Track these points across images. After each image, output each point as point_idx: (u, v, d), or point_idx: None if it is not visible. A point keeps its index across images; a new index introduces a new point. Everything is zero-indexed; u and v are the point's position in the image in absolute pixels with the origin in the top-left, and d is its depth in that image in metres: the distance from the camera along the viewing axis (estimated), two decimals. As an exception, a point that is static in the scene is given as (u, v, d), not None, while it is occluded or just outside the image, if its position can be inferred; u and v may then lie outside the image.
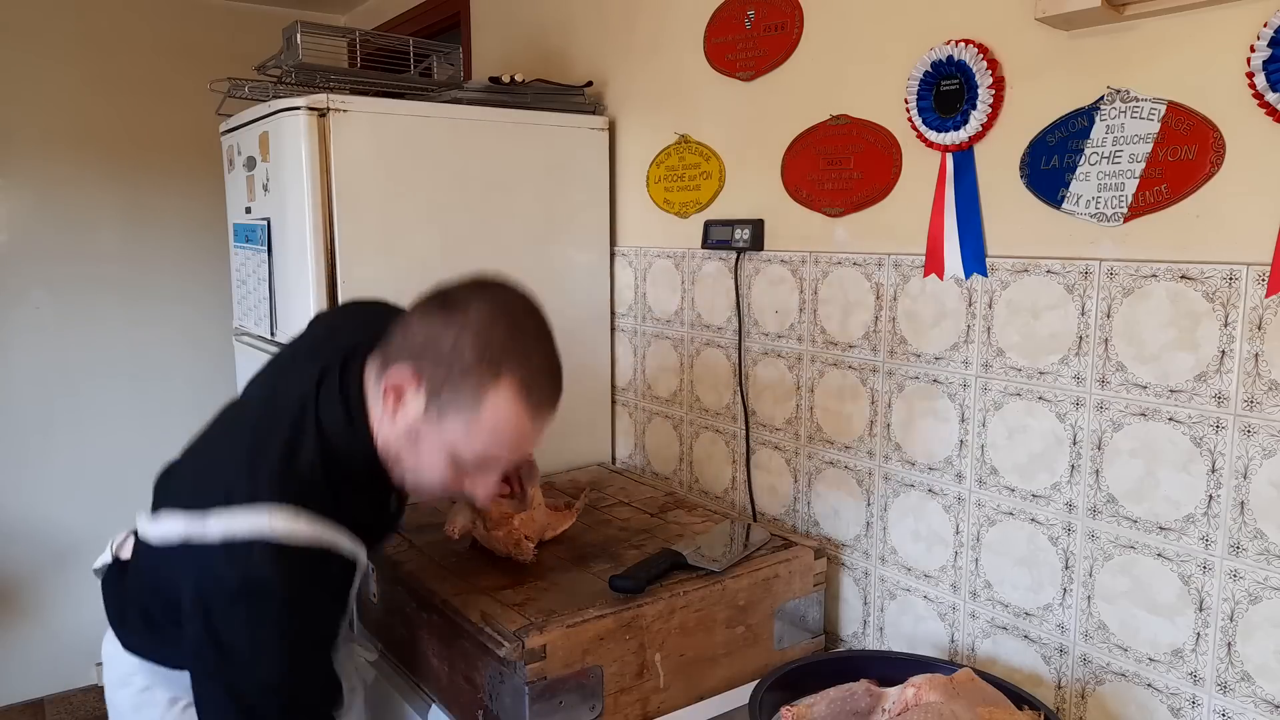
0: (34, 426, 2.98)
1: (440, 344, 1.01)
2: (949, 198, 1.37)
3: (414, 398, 1.02)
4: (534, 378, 1.04)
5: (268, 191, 1.85)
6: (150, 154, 3.11)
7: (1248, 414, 1.07)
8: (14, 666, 3.00)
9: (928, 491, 1.45)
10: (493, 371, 1.01)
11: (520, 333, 1.04)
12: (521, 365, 1.02)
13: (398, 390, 1.03)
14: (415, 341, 1.02)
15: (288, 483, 1.03)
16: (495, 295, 1.05)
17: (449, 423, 1.02)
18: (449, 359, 1.00)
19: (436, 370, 1.01)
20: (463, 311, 1.02)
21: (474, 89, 1.92)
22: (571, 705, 1.23)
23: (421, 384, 1.02)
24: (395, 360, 1.04)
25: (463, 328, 1.00)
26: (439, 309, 1.03)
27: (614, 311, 2.13)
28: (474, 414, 1.01)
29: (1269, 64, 1.01)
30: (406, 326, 1.05)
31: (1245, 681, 1.10)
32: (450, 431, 1.03)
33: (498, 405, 1.01)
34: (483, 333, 1.01)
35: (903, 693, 1.16)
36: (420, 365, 1.01)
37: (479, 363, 1.00)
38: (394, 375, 1.03)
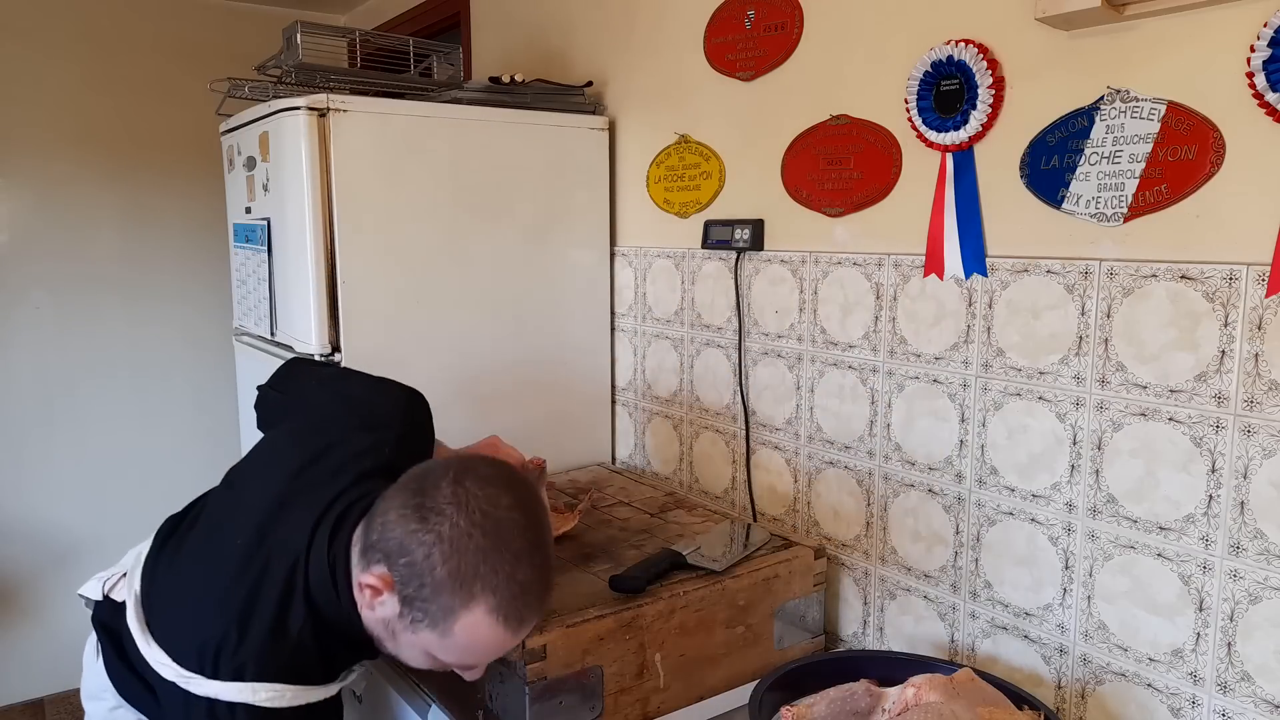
0: (34, 426, 2.98)
1: (414, 554, 0.95)
2: (949, 198, 1.37)
3: (389, 598, 0.98)
4: (511, 600, 0.97)
5: (268, 191, 1.85)
6: (150, 154, 3.11)
7: (1248, 414, 1.07)
8: (14, 666, 3.00)
9: (928, 491, 1.45)
10: (465, 594, 0.95)
11: (498, 547, 0.96)
12: (496, 588, 0.96)
13: (372, 589, 0.99)
14: (391, 542, 0.97)
15: (277, 655, 1.03)
16: (475, 500, 0.96)
17: (422, 633, 0.98)
18: (420, 574, 0.95)
19: (409, 581, 0.96)
20: (438, 520, 0.95)
21: (474, 89, 1.92)
22: (571, 705, 1.23)
23: (395, 590, 0.97)
24: (373, 554, 0.99)
25: (435, 542, 0.94)
26: (415, 511, 0.96)
27: (614, 311, 2.13)
28: (446, 631, 0.97)
29: (1269, 64, 1.01)
30: (385, 517, 0.98)
31: (1245, 681, 1.10)
32: (424, 639, 0.99)
33: (469, 627, 0.96)
34: (456, 550, 0.94)
35: (903, 693, 1.16)
36: (394, 570, 0.97)
37: (450, 584, 0.95)
38: (369, 575, 0.98)
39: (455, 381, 1.86)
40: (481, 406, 1.92)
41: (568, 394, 2.08)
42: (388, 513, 0.99)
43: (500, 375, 1.94)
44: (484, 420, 1.92)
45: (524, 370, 1.98)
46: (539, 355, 2.01)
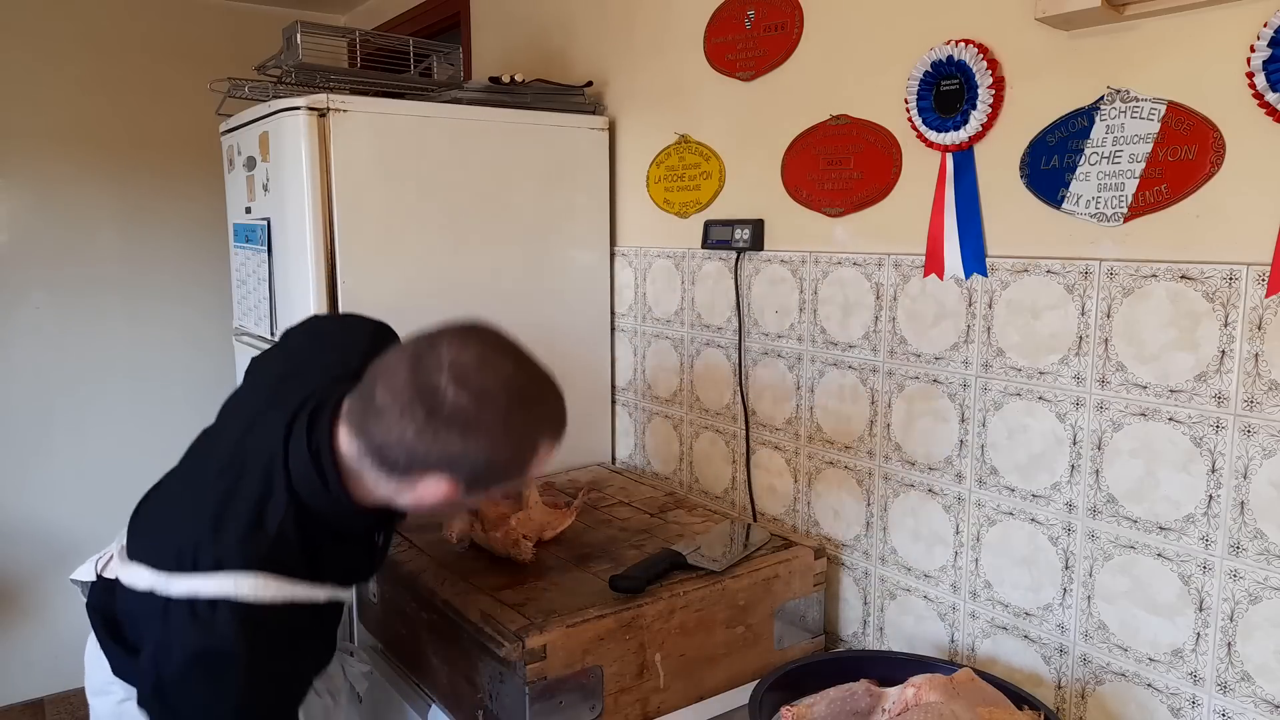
0: (34, 426, 2.98)
1: (473, 458, 0.98)
2: (949, 198, 1.37)
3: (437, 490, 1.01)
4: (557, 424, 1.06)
5: (268, 191, 1.85)
6: (150, 154, 3.11)
7: (1248, 414, 1.07)
8: (14, 666, 3.00)
9: (928, 491, 1.45)
10: (527, 453, 1.02)
11: (532, 404, 1.03)
12: (546, 428, 1.04)
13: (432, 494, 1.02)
14: (436, 457, 0.98)
15: (256, 546, 1.02)
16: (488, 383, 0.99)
17: (473, 495, 1.05)
18: (489, 464, 1.00)
19: (476, 480, 1.01)
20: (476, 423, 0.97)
21: (474, 89, 1.92)
22: (571, 705, 1.23)
23: (461, 485, 1.01)
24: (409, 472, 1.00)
25: (489, 439, 0.98)
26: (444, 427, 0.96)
27: (614, 311, 2.13)
28: (521, 480, 1.06)
29: (1269, 64, 1.01)
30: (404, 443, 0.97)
31: (1245, 681, 1.10)
32: (473, 497, 1.08)
33: (540, 460, 1.05)
34: (509, 432, 0.99)
35: (903, 693, 1.16)
36: (455, 476, 0.99)
37: (513, 456, 1.01)
38: (425, 489, 1.01)
39: (455, 381, 1.86)
40: (481, 406, 1.92)
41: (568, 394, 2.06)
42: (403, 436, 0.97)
43: (500, 375, 1.94)
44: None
45: (524, 370, 1.98)
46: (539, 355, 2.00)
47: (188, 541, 1.03)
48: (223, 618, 0.98)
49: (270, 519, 1.03)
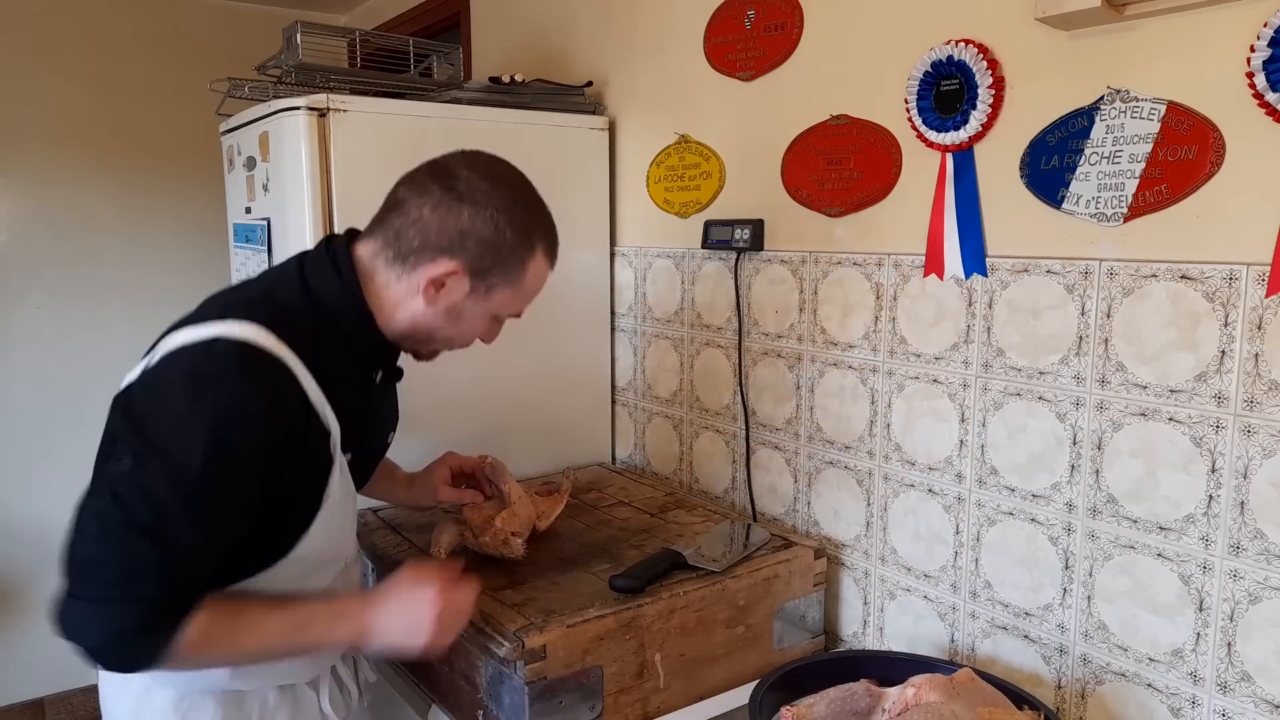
0: (34, 427, 2.98)
1: (480, 232, 1.08)
2: (949, 198, 1.37)
3: (458, 283, 1.10)
4: (552, 240, 1.18)
5: (268, 191, 1.85)
6: (150, 154, 3.11)
7: (1248, 414, 1.07)
8: (14, 666, 3.00)
9: (928, 491, 1.45)
10: (529, 243, 1.13)
11: (532, 202, 1.16)
12: (543, 231, 1.16)
13: (438, 283, 1.09)
14: (446, 236, 1.08)
15: (263, 305, 1.04)
16: (498, 174, 1.12)
17: (496, 295, 1.14)
18: (494, 244, 1.09)
19: (482, 256, 1.09)
20: (487, 198, 1.09)
21: (474, 89, 1.92)
22: (571, 705, 1.23)
23: (466, 272, 1.09)
24: (423, 255, 1.08)
25: (498, 213, 1.09)
26: (457, 201, 1.08)
27: (614, 311, 2.13)
28: (518, 281, 1.14)
29: (1269, 64, 1.01)
30: (419, 223, 1.08)
31: (1245, 681, 1.10)
32: (496, 301, 1.14)
33: (536, 269, 1.16)
34: (515, 210, 1.11)
35: (903, 693, 1.16)
36: (461, 255, 1.08)
37: (520, 240, 1.12)
38: (435, 269, 1.08)
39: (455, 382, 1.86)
40: (481, 406, 1.92)
41: (568, 394, 2.08)
42: (419, 215, 1.08)
43: (500, 375, 1.94)
44: (484, 420, 1.92)
45: (524, 370, 1.98)
46: (539, 355, 2.01)
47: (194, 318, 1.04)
48: (220, 348, 0.97)
49: (279, 295, 1.08)
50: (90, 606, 0.94)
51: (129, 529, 0.93)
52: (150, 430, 0.95)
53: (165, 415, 0.95)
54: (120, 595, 0.93)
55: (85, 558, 0.94)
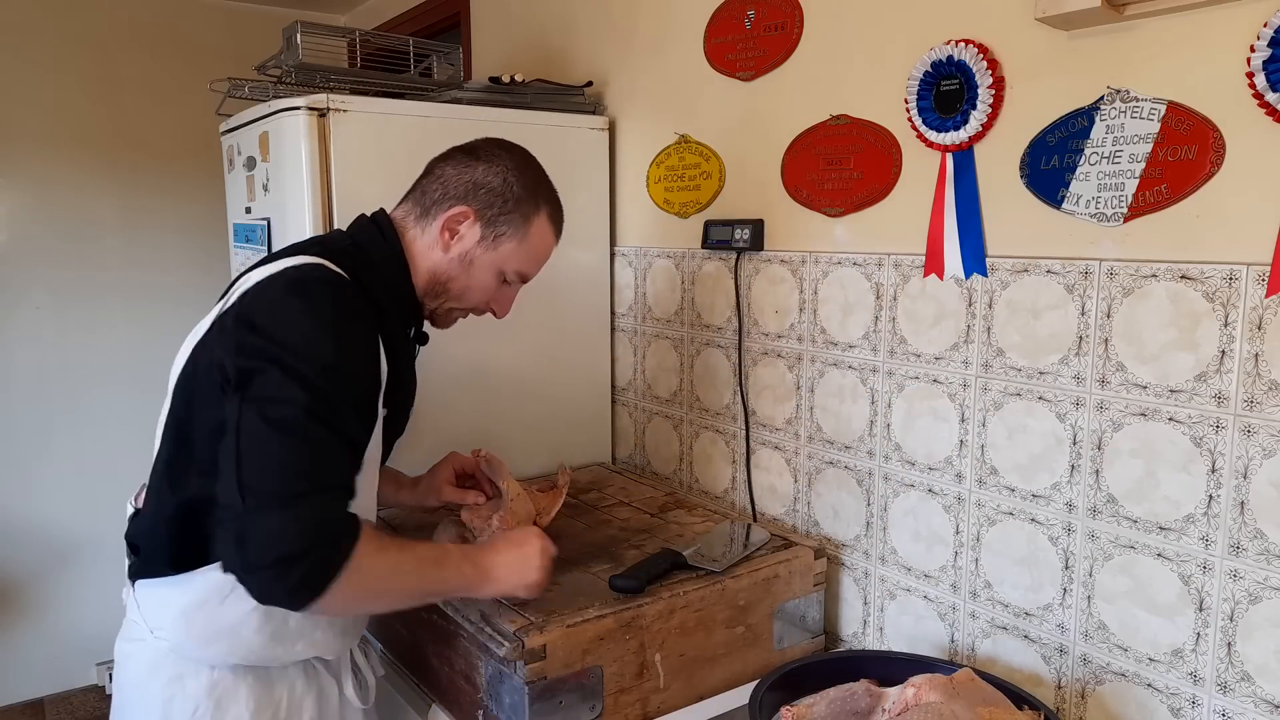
0: (34, 427, 2.98)
1: (491, 183, 1.23)
2: (949, 198, 1.37)
3: (470, 229, 1.23)
4: (557, 210, 1.31)
5: (268, 191, 1.85)
6: (150, 154, 3.11)
7: (1248, 414, 1.07)
8: (14, 666, 3.00)
9: (928, 491, 1.45)
10: (534, 202, 1.26)
11: (542, 173, 1.30)
12: (550, 198, 1.30)
13: (452, 227, 1.22)
14: (462, 186, 1.23)
15: (323, 251, 1.14)
16: (514, 147, 1.29)
17: (503, 245, 1.25)
18: (502, 193, 1.23)
19: (491, 204, 1.23)
20: (500, 159, 1.25)
21: (474, 89, 1.92)
22: (571, 705, 1.23)
23: (477, 218, 1.23)
24: (443, 204, 1.23)
25: (507, 169, 1.24)
26: (474, 159, 1.24)
27: (614, 311, 2.13)
28: (524, 237, 1.26)
29: (1269, 64, 1.01)
30: (442, 176, 1.24)
31: (1245, 681, 1.10)
32: (503, 252, 1.25)
33: (540, 229, 1.28)
34: (524, 173, 1.26)
35: (903, 693, 1.16)
36: (473, 202, 1.23)
37: (526, 196, 1.25)
38: (450, 213, 1.22)
39: (456, 381, 1.86)
40: (482, 406, 1.92)
41: (568, 394, 2.08)
42: (443, 174, 1.25)
43: (500, 375, 1.94)
44: (484, 420, 1.92)
45: (524, 370, 1.98)
46: (539, 355, 2.01)
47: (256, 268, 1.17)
48: (307, 268, 1.09)
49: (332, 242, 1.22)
50: (286, 509, 0.95)
51: (300, 424, 0.97)
52: (280, 337, 1.02)
53: (286, 323, 1.03)
54: (313, 486, 0.97)
55: (263, 466, 0.97)
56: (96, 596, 2.99)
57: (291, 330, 1.02)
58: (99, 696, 3.07)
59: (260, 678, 1.21)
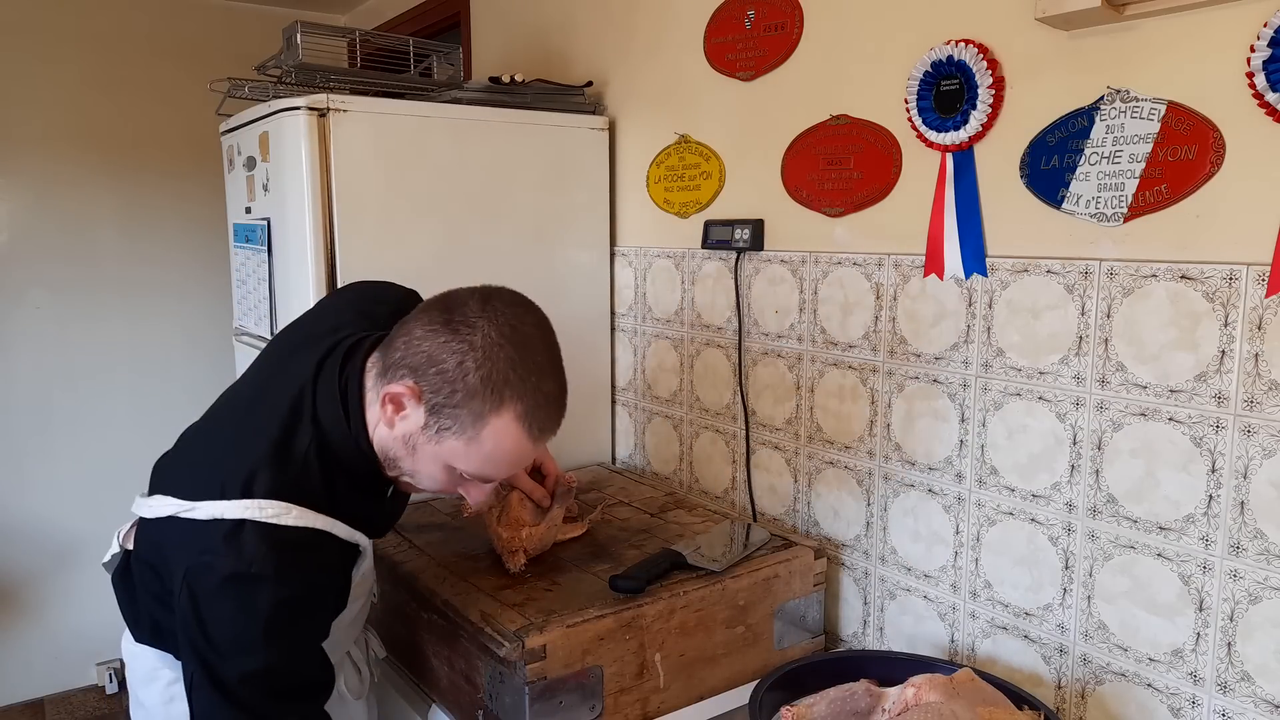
0: (34, 426, 2.98)
1: (444, 364, 0.99)
2: (949, 198, 1.37)
3: (414, 410, 1.02)
4: (536, 407, 1.04)
5: (268, 191, 1.85)
6: (150, 154, 3.11)
7: (1248, 414, 1.07)
8: (14, 666, 3.00)
9: (928, 491, 1.45)
10: (495, 400, 1.00)
11: (526, 359, 1.02)
12: (524, 395, 1.02)
13: (396, 401, 1.03)
14: (418, 356, 1.01)
15: (281, 472, 1.03)
16: (503, 316, 1.02)
17: (447, 442, 1.03)
18: (452, 381, 0.99)
19: (439, 390, 1.00)
20: (469, 331, 1.00)
21: (474, 89, 1.92)
22: (571, 705, 1.23)
23: (421, 400, 1.01)
24: (396, 370, 1.03)
25: (468, 350, 0.99)
26: (445, 325, 1.01)
27: (614, 311, 2.13)
28: (473, 438, 1.02)
29: (1269, 64, 1.01)
30: (409, 335, 1.03)
31: (1245, 681, 1.10)
32: (447, 449, 1.03)
33: (497, 432, 1.02)
34: (488, 358, 0.99)
35: (903, 693, 1.16)
36: (421, 381, 1.01)
37: (482, 389, 1.00)
38: (394, 387, 1.02)
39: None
40: (481, 406, 1.92)
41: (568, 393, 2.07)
42: (410, 333, 1.03)
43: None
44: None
45: (524, 370, 1.98)
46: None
47: (213, 471, 1.05)
48: (249, 539, 0.99)
49: (296, 447, 1.05)
50: None
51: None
52: (212, 634, 1.00)
53: (219, 622, 1.00)
54: None
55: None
56: (96, 596, 2.98)
57: (222, 633, 0.99)
58: (99, 696, 3.07)
59: None
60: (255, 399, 1.15)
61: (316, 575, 1.06)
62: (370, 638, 1.43)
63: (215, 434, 1.16)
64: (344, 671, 1.33)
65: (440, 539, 1.56)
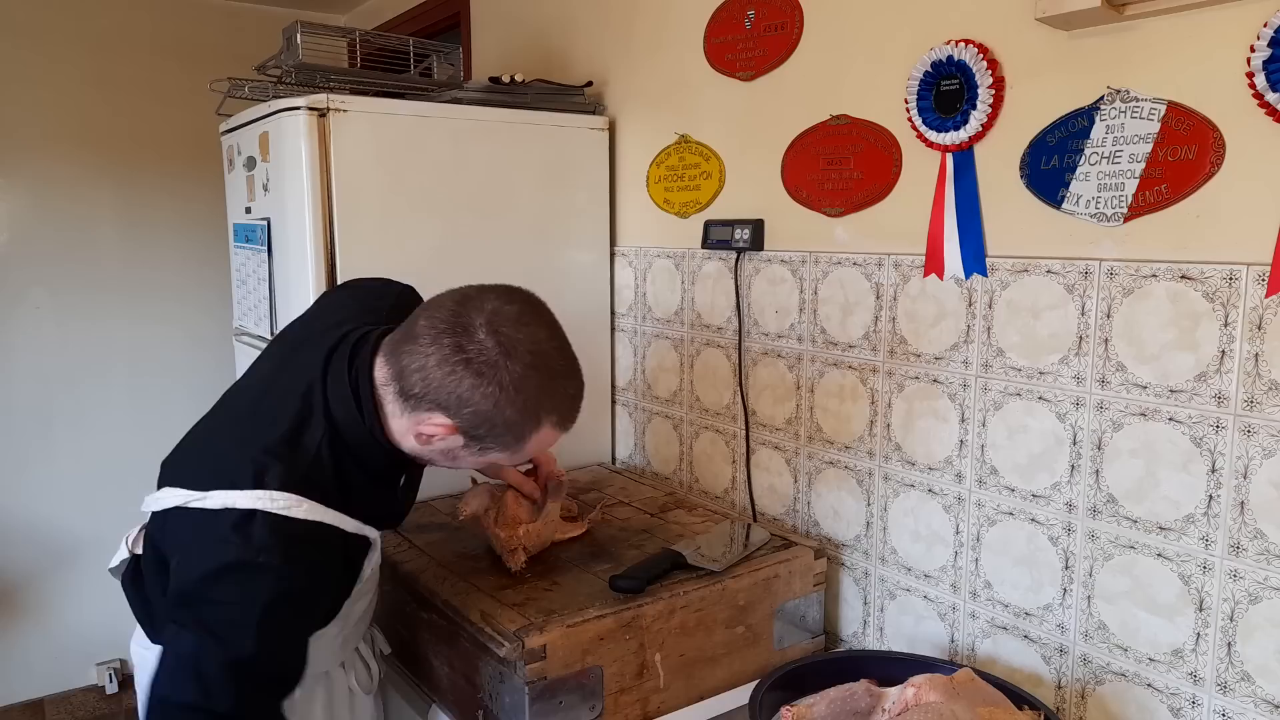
0: (34, 426, 2.98)
1: (478, 406, 1.02)
2: (949, 198, 1.37)
3: (451, 437, 1.06)
4: (567, 410, 1.10)
5: (268, 191, 1.85)
6: (150, 154, 3.11)
7: (1248, 414, 1.07)
8: (14, 666, 3.00)
9: (928, 491, 1.45)
10: (534, 419, 1.07)
11: (550, 375, 1.07)
12: (557, 406, 1.08)
13: (430, 433, 1.06)
14: (445, 394, 1.02)
15: (293, 467, 1.05)
16: (520, 343, 1.03)
17: (491, 455, 1.11)
18: (490, 419, 1.04)
19: (478, 426, 1.04)
20: (493, 371, 1.01)
21: (474, 89, 1.92)
22: (571, 705, 1.23)
23: (459, 431, 1.05)
24: (420, 404, 1.04)
25: (499, 391, 1.02)
26: (464, 366, 1.01)
27: (614, 311, 2.13)
28: (517, 450, 1.11)
29: (1269, 64, 1.01)
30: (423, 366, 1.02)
31: (1245, 681, 1.10)
32: (490, 458, 1.13)
33: (537, 440, 1.10)
34: (520, 392, 1.03)
35: (903, 693, 1.16)
36: (456, 419, 1.04)
37: (520, 416, 1.05)
38: (426, 427, 1.05)
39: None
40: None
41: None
42: (424, 364, 1.02)
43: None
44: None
45: (524, 370, 1.98)
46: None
47: (223, 462, 1.06)
48: (259, 529, 1.00)
49: (308, 441, 1.07)
50: None
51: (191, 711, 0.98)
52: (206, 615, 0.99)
53: (216, 604, 1.00)
54: None
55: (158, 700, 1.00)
56: (96, 596, 2.98)
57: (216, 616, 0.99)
58: (99, 696, 3.07)
59: None
60: (263, 394, 1.16)
61: (320, 571, 1.07)
62: (375, 633, 1.44)
63: (223, 429, 1.17)
64: (353, 667, 1.34)
65: (440, 539, 1.56)
